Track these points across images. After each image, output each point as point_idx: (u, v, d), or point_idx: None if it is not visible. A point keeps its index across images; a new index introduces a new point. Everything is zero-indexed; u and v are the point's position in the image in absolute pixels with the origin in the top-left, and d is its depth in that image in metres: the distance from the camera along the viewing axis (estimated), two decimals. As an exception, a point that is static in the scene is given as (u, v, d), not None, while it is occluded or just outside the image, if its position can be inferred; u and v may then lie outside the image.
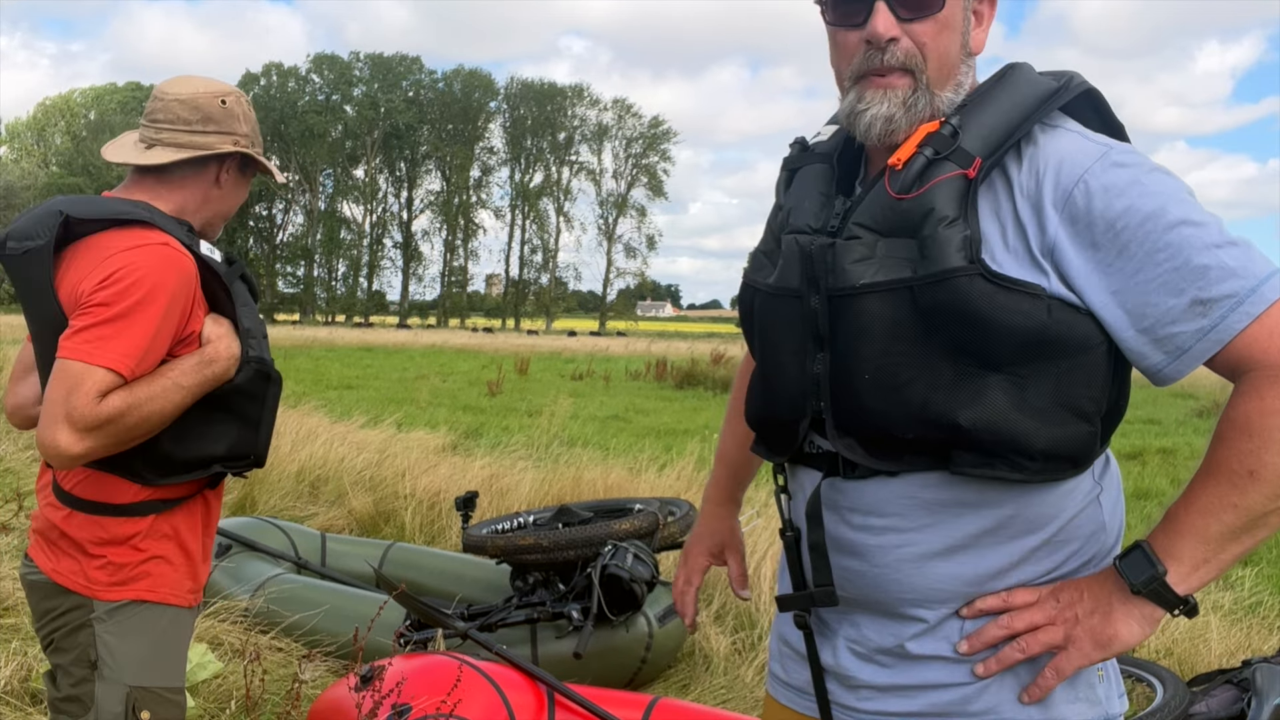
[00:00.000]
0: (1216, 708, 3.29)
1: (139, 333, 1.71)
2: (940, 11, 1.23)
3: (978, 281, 1.13)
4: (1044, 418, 1.15)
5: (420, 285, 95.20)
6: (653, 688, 3.61)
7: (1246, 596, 4.90)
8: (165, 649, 1.88)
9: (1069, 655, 1.18)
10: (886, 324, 1.18)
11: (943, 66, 1.25)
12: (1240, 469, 1.10)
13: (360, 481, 6.45)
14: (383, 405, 11.91)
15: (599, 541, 3.53)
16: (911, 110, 1.24)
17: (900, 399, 1.18)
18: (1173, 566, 1.13)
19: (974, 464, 1.17)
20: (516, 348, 33.36)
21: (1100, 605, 1.17)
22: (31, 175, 66.03)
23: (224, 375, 1.80)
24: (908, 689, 1.26)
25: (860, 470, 1.24)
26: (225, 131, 1.92)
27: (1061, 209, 1.15)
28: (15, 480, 6.32)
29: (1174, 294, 1.11)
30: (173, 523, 1.87)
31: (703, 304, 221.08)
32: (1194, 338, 1.12)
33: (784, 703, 1.44)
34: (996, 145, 1.19)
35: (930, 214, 1.17)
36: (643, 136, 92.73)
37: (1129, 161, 1.16)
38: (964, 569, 1.22)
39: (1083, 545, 1.24)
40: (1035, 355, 1.14)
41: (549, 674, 2.74)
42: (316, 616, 3.76)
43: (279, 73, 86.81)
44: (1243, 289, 1.10)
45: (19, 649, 3.54)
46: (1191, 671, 3.75)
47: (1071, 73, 1.27)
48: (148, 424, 1.73)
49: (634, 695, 2.88)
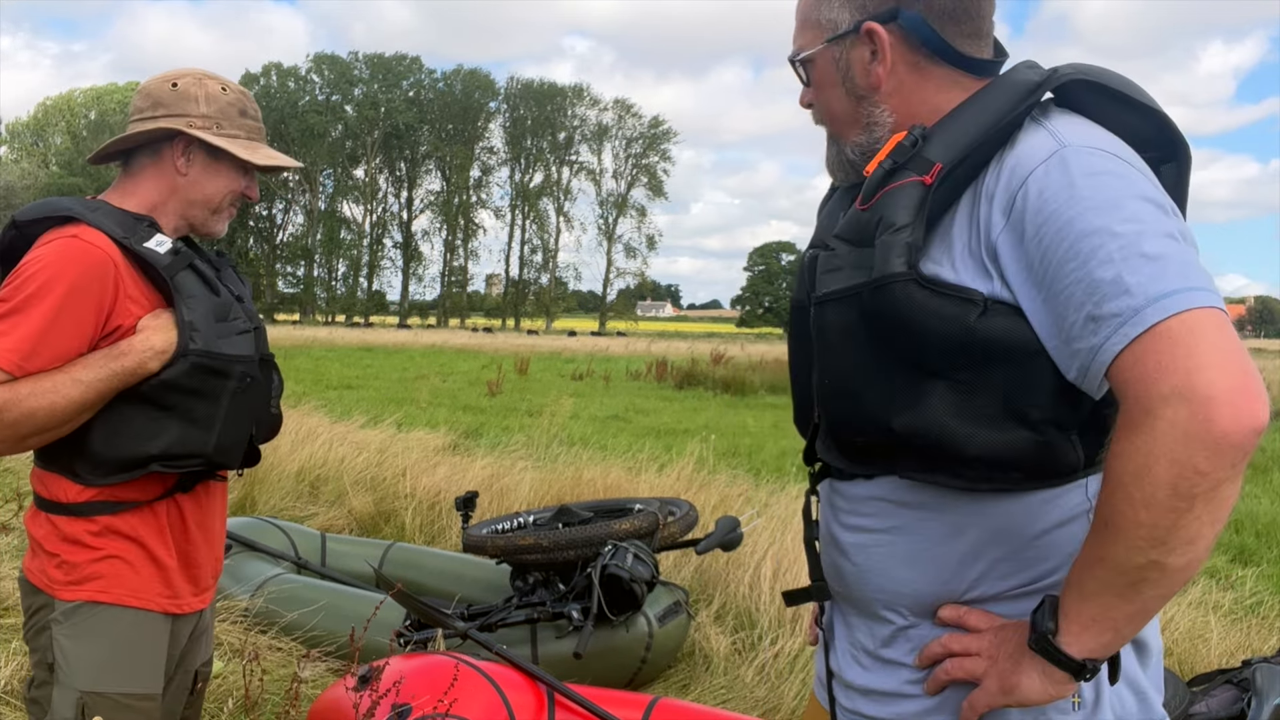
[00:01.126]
0: (1216, 708, 3.28)
1: (29, 327, 1.65)
2: (813, 79, 1.36)
3: (910, 286, 1.13)
4: (987, 424, 1.12)
5: (420, 285, 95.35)
6: (653, 688, 3.60)
7: (1246, 596, 4.89)
8: (125, 653, 1.81)
9: (978, 693, 1.15)
10: (839, 331, 1.22)
11: (834, 121, 1.36)
12: (1100, 519, 1.03)
13: (360, 481, 6.45)
14: (383, 405, 11.92)
15: (599, 541, 3.53)
16: (837, 158, 1.37)
17: (853, 405, 1.23)
18: (1064, 625, 1.07)
19: (917, 469, 1.18)
20: (516, 348, 33.36)
21: (1015, 651, 1.12)
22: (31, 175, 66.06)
23: (138, 368, 1.71)
24: (877, 694, 1.29)
25: (845, 473, 1.30)
26: (176, 114, 1.83)
27: (1007, 212, 1.13)
28: (15, 480, 6.32)
29: (1076, 308, 1.05)
30: (131, 524, 1.80)
31: (703, 304, 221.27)
32: (1088, 356, 1.04)
33: (818, 698, 1.47)
34: (964, 150, 1.17)
35: (879, 221, 1.19)
36: (643, 136, 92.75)
37: (1074, 162, 1.10)
38: (926, 574, 1.22)
39: (1063, 563, 1.16)
40: (974, 361, 1.12)
41: (549, 674, 2.74)
42: (316, 616, 3.76)
43: (279, 73, 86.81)
44: (1127, 308, 1.00)
45: (19, 649, 3.54)
46: (1191, 671, 3.75)
47: (1056, 68, 1.23)
48: (36, 419, 1.65)
49: (634, 695, 2.88)
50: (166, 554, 1.85)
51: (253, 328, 1.90)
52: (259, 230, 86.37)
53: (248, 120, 1.90)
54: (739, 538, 3.69)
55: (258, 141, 1.92)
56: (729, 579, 4.54)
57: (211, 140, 1.83)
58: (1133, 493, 0.98)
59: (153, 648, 1.85)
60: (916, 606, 1.24)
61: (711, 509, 5.40)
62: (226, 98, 1.88)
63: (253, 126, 1.91)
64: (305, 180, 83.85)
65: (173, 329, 1.75)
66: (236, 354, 1.82)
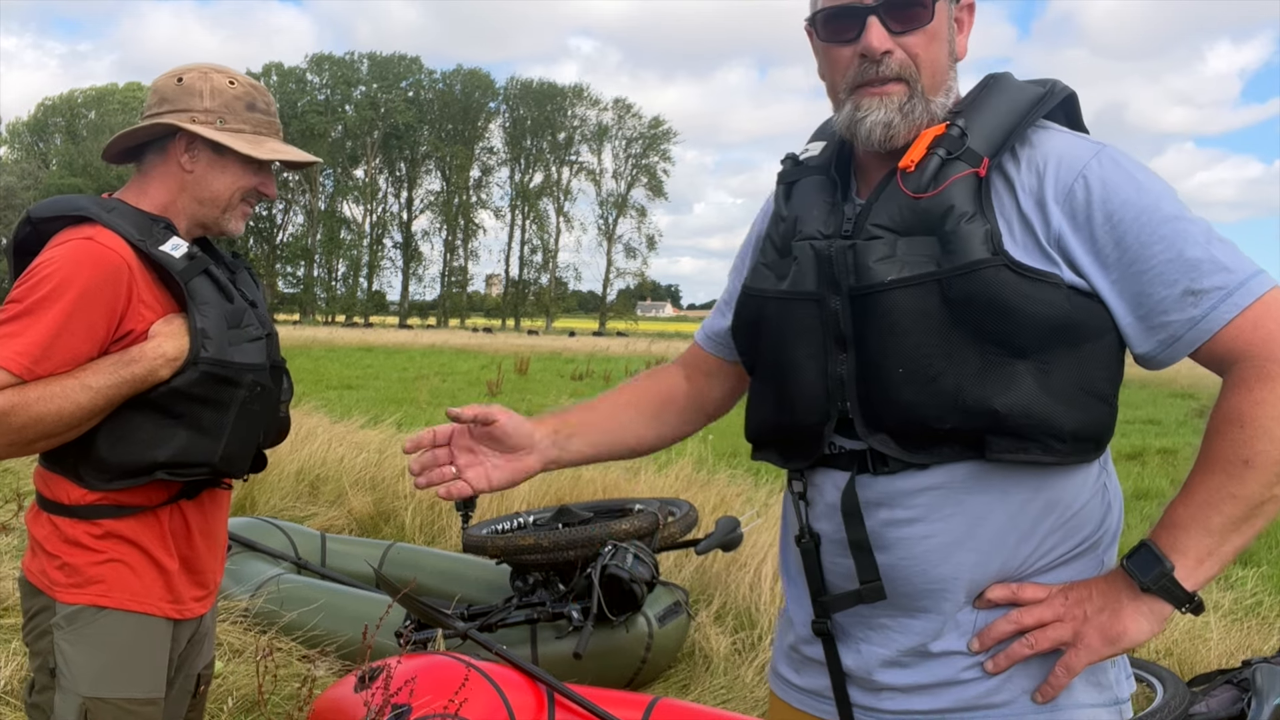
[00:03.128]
0: (1216, 708, 3.28)
1: (40, 331, 1.63)
2: (930, 24, 1.29)
3: (1003, 272, 1.19)
4: (1069, 401, 1.20)
5: (420, 285, 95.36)
6: (653, 688, 3.61)
7: (1246, 596, 4.90)
8: (128, 658, 1.79)
9: (1078, 652, 1.20)
10: (916, 317, 1.22)
11: (935, 74, 1.31)
12: (1236, 459, 1.14)
13: (360, 481, 6.44)
14: (383, 405, 11.90)
15: (599, 541, 3.53)
16: (908, 116, 1.29)
17: (935, 390, 1.22)
18: (1179, 561, 1.16)
19: (1009, 449, 1.20)
20: (516, 348, 33.34)
21: (1109, 603, 1.20)
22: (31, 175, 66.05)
23: (149, 375, 1.68)
24: (931, 687, 1.28)
25: (892, 465, 1.26)
26: (179, 109, 1.80)
27: (1063, 203, 1.21)
28: (15, 480, 6.32)
29: (1167, 285, 1.17)
30: (133, 530, 1.79)
31: (703, 304, 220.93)
32: (1185, 327, 1.17)
33: (797, 706, 1.44)
34: (998, 146, 1.25)
35: (950, 210, 1.22)
36: (643, 136, 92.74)
37: (1123, 159, 1.23)
38: (985, 555, 1.25)
39: (1094, 530, 1.28)
40: (1058, 341, 1.19)
41: (549, 674, 2.74)
42: (316, 616, 3.77)
43: (279, 73, 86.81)
44: (1231, 282, 1.16)
45: (19, 649, 3.54)
46: (1191, 671, 3.75)
47: (1054, 80, 1.33)
48: (43, 424, 1.62)
49: (634, 695, 2.88)
50: (169, 559, 1.84)
51: (265, 334, 1.87)
52: (259, 230, 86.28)
53: (255, 114, 1.86)
54: (739, 538, 3.69)
55: (266, 136, 1.86)
56: (729, 579, 4.54)
57: (211, 135, 1.79)
58: (1276, 433, 1.12)
59: (155, 652, 1.84)
60: (973, 589, 1.26)
61: (711, 509, 5.39)
62: (233, 91, 1.83)
63: (261, 120, 1.86)
64: (305, 180, 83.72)
65: (185, 336, 1.72)
66: (247, 362, 1.80)
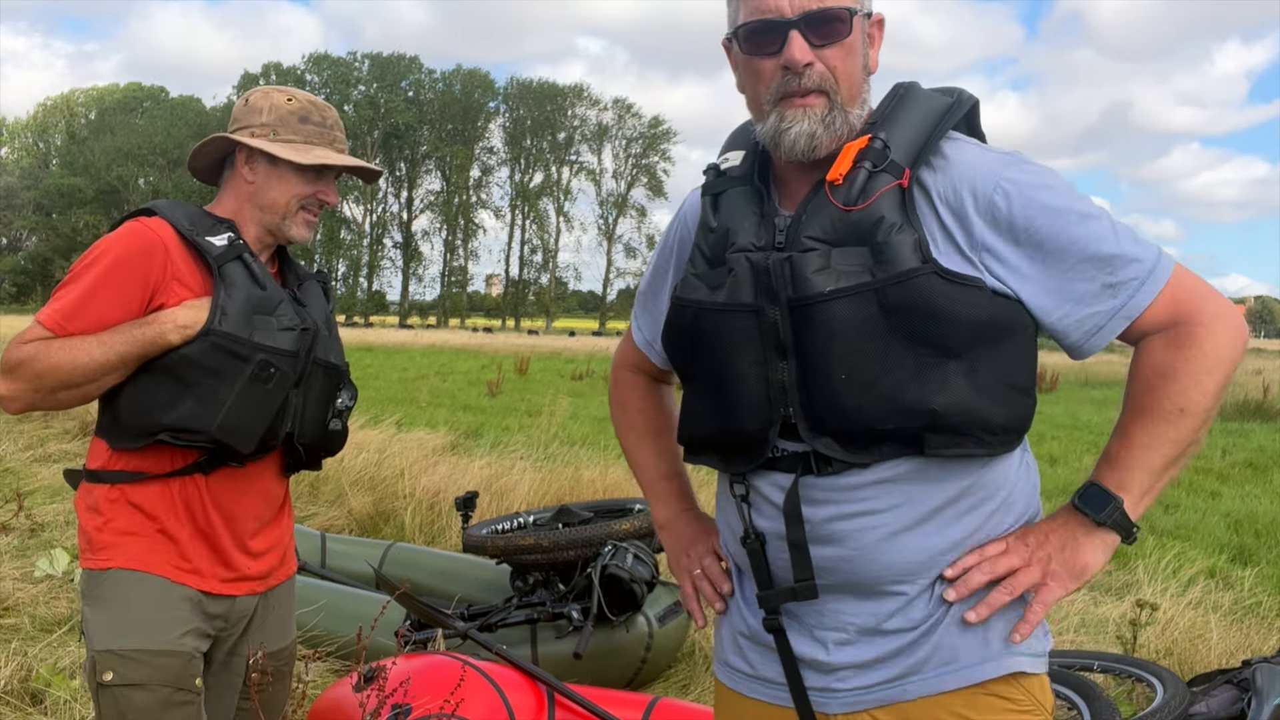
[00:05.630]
0: (1216, 708, 3.29)
1: (75, 293, 1.82)
2: (848, 38, 1.35)
3: (934, 279, 1.27)
4: (996, 397, 1.30)
5: (420, 285, 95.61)
6: (653, 688, 3.61)
7: (1246, 596, 4.90)
8: (134, 611, 1.85)
9: (1050, 589, 1.33)
10: (855, 325, 1.29)
11: (851, 86, 1.37)
12: (1172, 408, 1.30)
13: (360, 481, 6.45)
14: (383, 405, 11.90)
15: (599, 541, 3.53)
16: (830, 127, 1.35)
17: (875, 393, 1.29)
18: (1125, 497, 1.32)
19: (945, 445, 1.29)
20: (516, 348, 33.37)
21: (1068, 541, 1.34)
22: (32, 175, 66.07)
23: (158, 338, 1.80)
24: (885, 659, 1.36)
25: (835, 465, 1.33)
26: (242, 126, 1.98)
27: (985, 214, 1.31)
28: (15, 480, 6.31)
29: (1087, 280, 1.30)
30: (143, 496, 1.88)
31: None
32: (1107, 316, 1.31)
33: (750, 694, 1.48)
34: (915, 157, 1.33)
35: (880, 221, 1.29)
36: (642, 136, 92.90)
37: (1032, 167, 1.34)
38: (933, 539, 1.33)
39: (1024, 505, 1.40)
40: (982, 340, 1.28)
41: (549, 674, 2.75)
42: (316, 616, 3.77)
43: (278, 73, 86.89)
44: (1143, 272, 1.30)
45: (19, 649, 3.55)
46: (1191, 671, 3.75)
47: (959, 89, 1.41)
48: (60, 372, 1.78)
49: (634, 695, 2.89)
50: (178, 527, 1.90)
51: (302, 328, 1.93)
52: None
53: (308, 126, 1.99)
54: (739, 538, 3.68)
55: (316, 145, 1.99)
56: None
57: (260, 146, 1.93)
58: (1205, 384, 1.29)
59: (160, 606, 1.88)
60: (928, 570, 1.34)
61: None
62: (288, 106, 1.99)
63: (313, 131, 1.99)
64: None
65: (204, 310, 1.84)
66: (268, 344, 1.87)
